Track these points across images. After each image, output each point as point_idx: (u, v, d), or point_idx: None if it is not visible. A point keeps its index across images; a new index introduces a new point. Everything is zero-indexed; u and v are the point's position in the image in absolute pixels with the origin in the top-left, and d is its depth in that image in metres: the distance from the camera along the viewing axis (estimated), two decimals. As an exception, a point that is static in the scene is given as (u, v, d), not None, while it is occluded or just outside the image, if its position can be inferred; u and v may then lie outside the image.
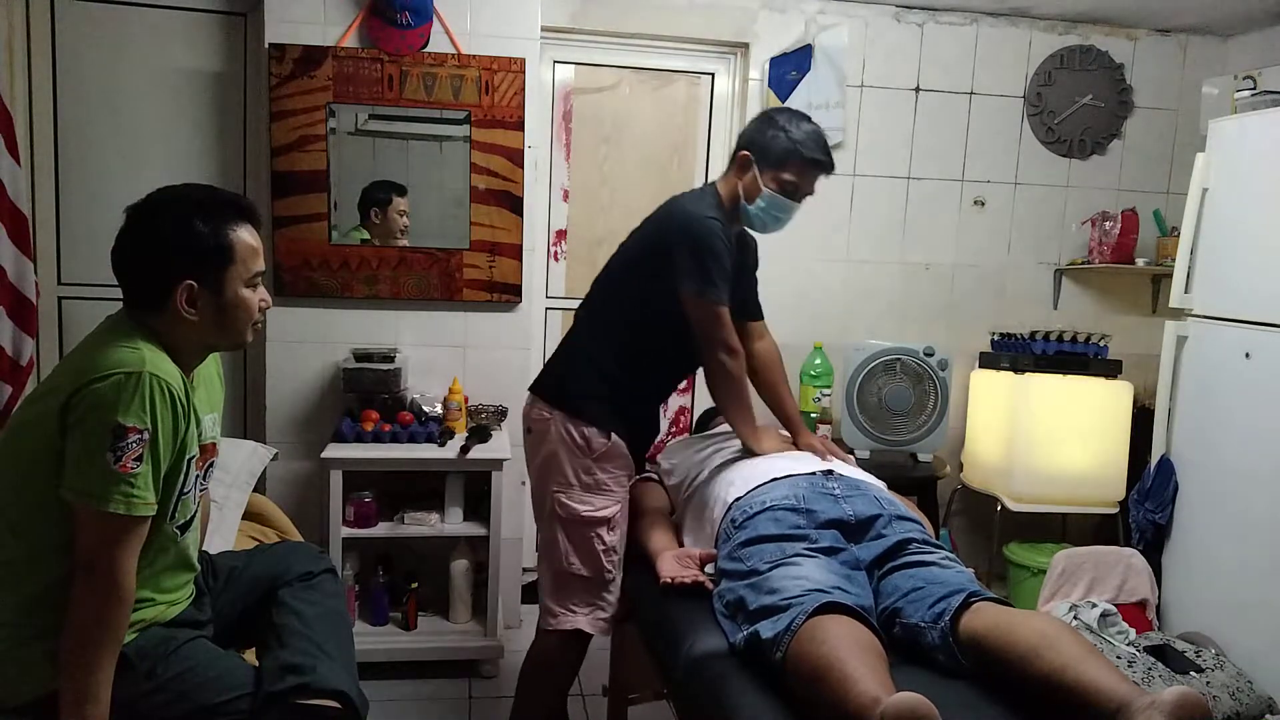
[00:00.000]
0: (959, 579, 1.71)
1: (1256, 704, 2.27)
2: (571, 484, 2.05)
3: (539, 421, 2.09)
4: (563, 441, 2.04)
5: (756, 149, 2.04)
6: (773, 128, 2.04)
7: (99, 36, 2.88)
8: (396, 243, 2.94)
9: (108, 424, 1.37)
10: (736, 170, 2.08)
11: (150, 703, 1.47)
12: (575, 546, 2.05)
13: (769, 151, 2.03)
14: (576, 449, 2.04)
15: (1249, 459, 2.45)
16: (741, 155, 2.06)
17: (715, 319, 1.99)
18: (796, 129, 2.03)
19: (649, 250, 2.08)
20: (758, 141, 2.05)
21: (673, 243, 1.99)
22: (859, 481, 2.06)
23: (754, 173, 2.04)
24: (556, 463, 2.05)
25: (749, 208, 2.07)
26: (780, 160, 2.03)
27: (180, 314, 1.50)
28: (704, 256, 1.95)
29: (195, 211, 1.51)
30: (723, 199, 2.09)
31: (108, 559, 1.38)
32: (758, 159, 2.03)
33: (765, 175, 2.03)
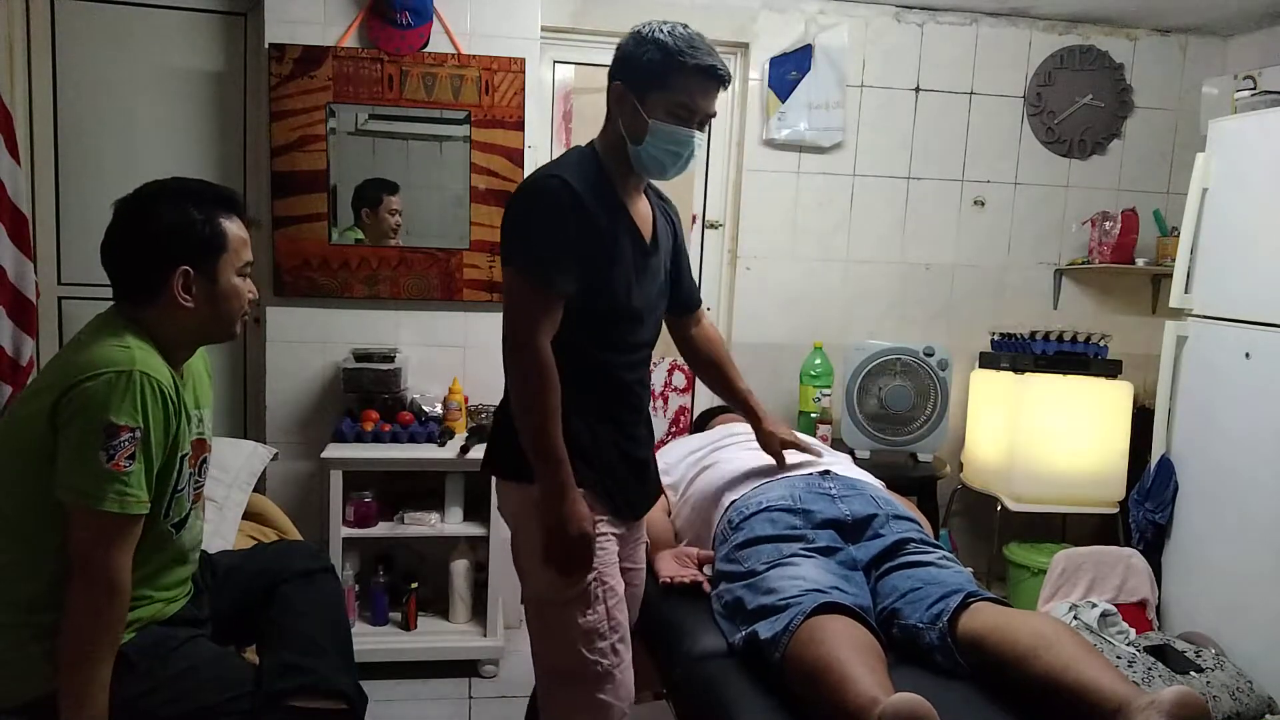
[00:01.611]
0: (957, 579, 1.71)
1: (1256, 704, 2.27)
2: (535, 558, 1.62)
3: (498, 494, 1.75)
4: (523, 511, 1.64)
5: (629, 73, 1.61)
6: (641, 44, 1.61)
7: (99, 36, 2.88)
8: (389, 242, 2.94)
9: (99, 423, 1.37)
10: (613, 108, 1.64)
11: (150, 702, 1.47)
12: (547, 634, 1.66)
13: (646, 72, 1.60)
14: (529, 518, 1.61)
15: (1249, 459, 2.45)
16: (614, 87, 1.62)
17: (525, 301, 1.54)
18: (671, 36, 1.61)
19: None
20: (629, 64, 1.61)
21: (505, 214, 1.61)
22: (856, 481, 2.06)
23: (632, 103, 1.60)
24: (521, 536, 1.67)
25: (639, 150, 1.62)
26: (662, 78, 1.59)
27: (175, 302, 1.51)
28: (529, 218, 1.56)
29: (189, 200, 1.54)
30: (602, 153, 1.66)
31: (102, 558, 1.38)
32: (633, 86, 1.60)
33: (648, 104, 1.60)
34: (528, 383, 1.54)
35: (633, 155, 1.63)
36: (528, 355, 1.53)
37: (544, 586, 1.63)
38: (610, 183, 1.64)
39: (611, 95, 1.64)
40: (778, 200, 3.32)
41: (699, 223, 3.40)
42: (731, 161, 3.37)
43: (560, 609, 1.62)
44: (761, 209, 3.31)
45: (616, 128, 1.64)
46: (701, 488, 2.13)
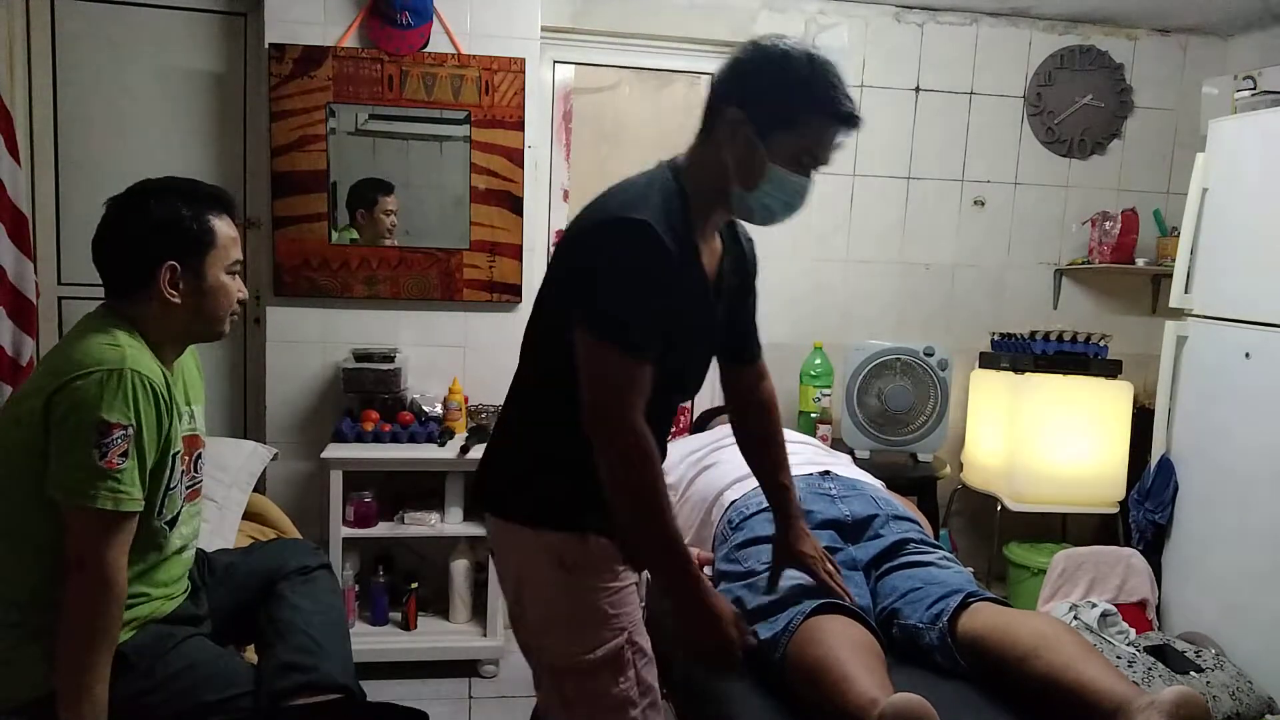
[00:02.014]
0: (957, 579, 1.71)
1: (1256, 704, 2.27)
2: (549, 619, 1.40)
3: (497, 540, 1.48)
4: (531, 561, 1.41)
5: (755, 103, 1.31)
6: (776, 69, 1.31)
7: (99, 36, 2.88)
8: (384, 242, 2.94)
9: (91, 421, 1.38)
10: (720, 136, 1.35)
11: (149, 701, 1.47)
12: (570, 707, 1.42)
13: (778, 106, 1.31)
14: (549, 567, 1.38)
15: (1249, 459, 2.45)
16: (728, 114, 1.33)
17: (616, 375, 1.27)
18: (812, 67, 1.30)
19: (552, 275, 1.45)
20: (755, 90, 1.32)
21: (573, 257, 1.36)
22: (856, 481, 2.06)
23: (748, 139, 1.32)
24: (530, 592, 1.42)
25: (748, 195, 1.36)
26: (796, 118, 1.31)
27: (163, 297, 1.52)
28: (613, 273, 1.28)
29: (178, 197, 1.55)
30: (687, 182, 1.38)
31: (98, 556, 1.38)
32: (757, 118, 1.31)
33: (771, 144, 1.32)
34: (632, 471, 1.28)
35: (736, 198, 1.38)
36: (628, 439, 1.27)
37: (564, 653, 1.39)
38: (688, 219, 1.36)
39: (722, 121, 1.34)
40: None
41: (699, 223, 3.40)
42: (731, 161, 3.37)
43: (586, 678, 1.38)
44: (761, 209, 3.31)
45: (718, 159, 1.36)
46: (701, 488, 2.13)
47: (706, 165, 1.38)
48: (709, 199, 1.39)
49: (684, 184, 1.37)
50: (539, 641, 1.44)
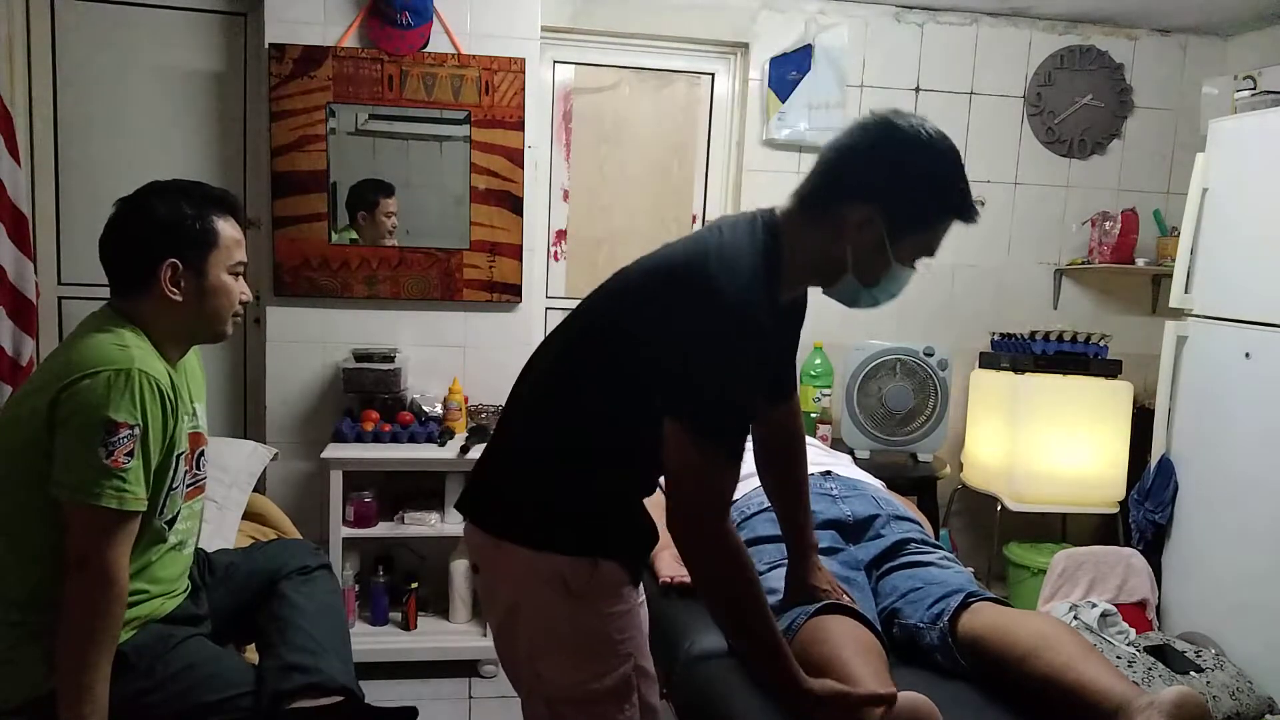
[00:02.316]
0: (958, 579, 1.71)
1: (1256, 704, 2.27)
2: (551, 646, 1.33)
3: (488, 557, 1.38)
4: (531, 584, 1.32)
5: (890, 203, 1.24)
6: (915, 164, 1.24)
7: (99, 36, 2.88)
8: (385, 243, 2.94)
9: (99, 419, 1.38)
10: (840, 226, 1.27)
11: (149, 701, 1.47)
12: None
13: (913, 208, 1.26)
14: (550, 592, 1.30)
15: (1249, 459, 2.45)
16: (856, 209, 1.25)
17: (714, 478, 1.23)
18: (947, 161, 1.25)
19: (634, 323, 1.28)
20: (892, 190, 1.24)
21: (673, 332, 1.21)
22: (857, 482, 2.06)
23: (878, 240, 1.26)
24: (527, 616, 1.33)
25: (861, 290, 1.32)
26: (929, 221, 1.28)
27: (164, 295, 1.53)
28: (722, 374, 1.19)
29: (182, 197, 1.57)
30: (786, 252, 1.29)
31: (100, 555, 1.39)
32: (889, 217, 1.25)
33: (899, 244, 1.27)
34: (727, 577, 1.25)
35: (845, 285, 1.32)
36: (723, 543, 1.24)
37: (565, 683, 1.32)
38: (781, 287, 1.30)
39: (848, 214, 1.25)
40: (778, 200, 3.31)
41: (699, 223, 3.40)
42: (731, 161, 3.37)
43: (588, 707, 1.32)
44: (761, 209, 3.30)
45: (830, 245, 1.28)
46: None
47: (813, 247, 1.30)
48: (806, 275, 1.35)
49: (782, 252, 1.29)
50: (534, 669, 1.34)
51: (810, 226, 1.30)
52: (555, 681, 1.33)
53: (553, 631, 1.32)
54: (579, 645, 1.32)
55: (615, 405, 1.27)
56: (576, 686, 1.32)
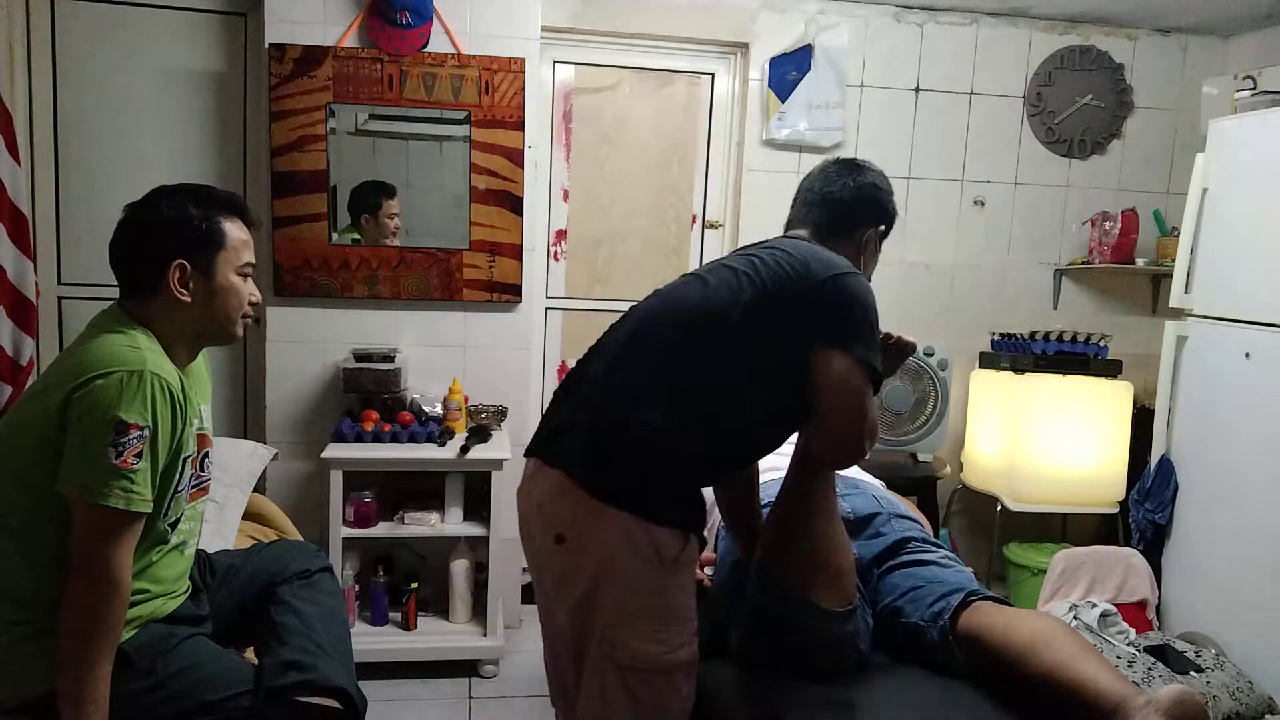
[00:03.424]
0: (958, 578, 1.72)
1: (1256, 704, 2.27)
2: (635, 615, 1.39)
3: (584, 524, 1.40)
4: (626, 552, 1.38)
5: (889, 221, 1.74)
6: (886, 188, 1.74)
7: (99, 36, 2.89)
8: (389, 243, 2.94)
9: (109, 420, 1.38)
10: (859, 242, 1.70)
11: (150, 700, 1.47)
12: (645, 704, 1.41)
13: (890, 220, 1.75)
14: (643, 561, 1.38)
15: (1249, 459, 2.45)
16: (872, 231, 1.71)
17: (868, 394, 1.47)
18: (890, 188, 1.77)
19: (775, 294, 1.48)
20: (889, 213, 1.74)
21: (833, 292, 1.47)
22: (858, 480, 2.06)
23: (876, 243, 1.74)
24: (611, 584, 1.39)
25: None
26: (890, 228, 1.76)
27: (173, 296, 1.54)
28: (873, 322, 1.50)
29: (189, 198, 1.58)
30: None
31: (104, 554, 1.39)
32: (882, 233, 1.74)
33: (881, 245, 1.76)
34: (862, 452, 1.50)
35: None
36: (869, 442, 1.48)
37: (645, 650, 1.38)
38: None
39: (866, 238, 1.71)
40: (778, 200, 3.26)
41: (699, 223, 3.41)
42: (731, 162, 3.38)
43: (661, 678, 1.40)
44: (761, 209, 3.31)
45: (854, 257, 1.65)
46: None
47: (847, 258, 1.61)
48: None
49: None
50: (612, 636, 1.39)
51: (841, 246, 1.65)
52: (634, 650, 1.39)
53: (640, 600, 1.39)
54: (663, 615, 1.40)
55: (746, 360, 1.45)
56: (655, 657, 1.39)
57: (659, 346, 1.47)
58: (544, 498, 1.45)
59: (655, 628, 1.39)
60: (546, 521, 1.44)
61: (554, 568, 1.45)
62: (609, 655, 1.40)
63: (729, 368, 1.44)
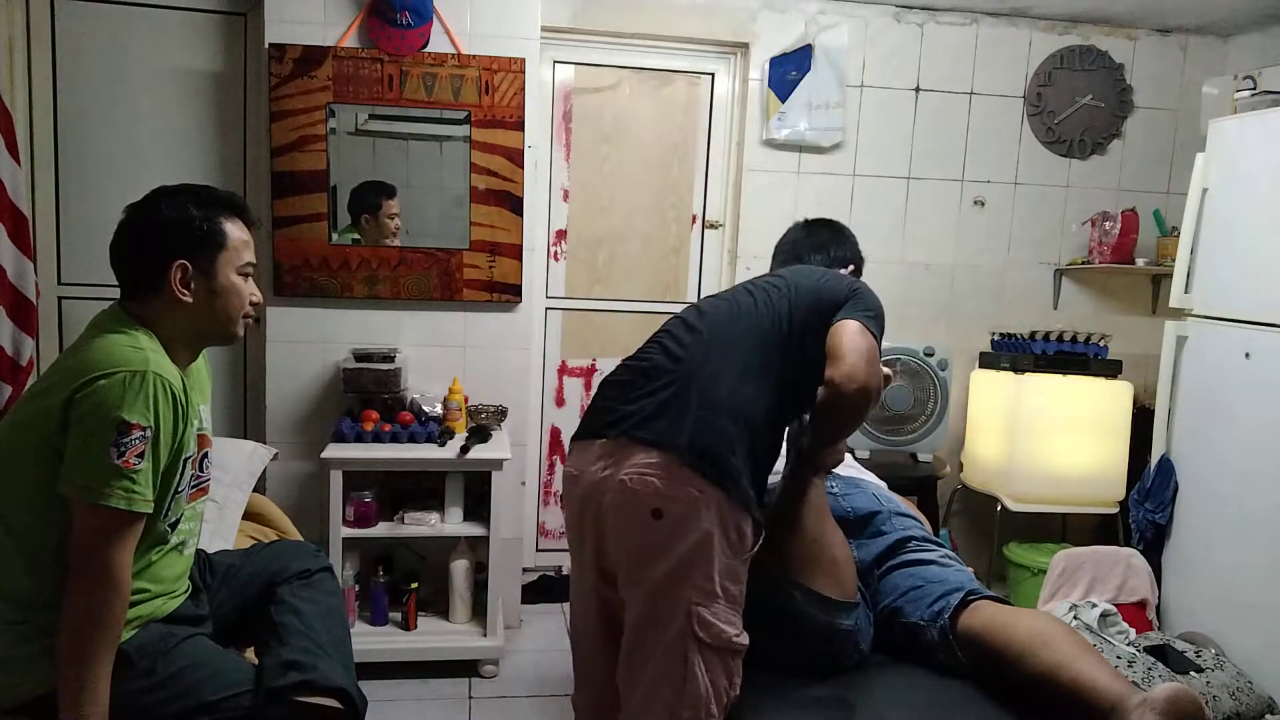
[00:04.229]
0: (958, 578, 1.72)
1: (1256, 704, 2.27)
2: (718, 594, 1.47)
3: (686, 501, 1.46)
4: (720, 533, 1.47)
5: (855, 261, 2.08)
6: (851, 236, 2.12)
7: (99, 36, 2.89)
8: (389, 244, 2.94)
9: (112, 420, 1.38)
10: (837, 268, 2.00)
11: (150, 699, 1.47)
12: (715, 685, 1.48)
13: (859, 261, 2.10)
14: (730, 546, 1.48)
15: (1249, 459, 2.45)
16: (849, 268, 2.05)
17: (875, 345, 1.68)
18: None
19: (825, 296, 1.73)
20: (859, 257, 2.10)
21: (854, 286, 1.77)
22: (858, 480, 2.06)
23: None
24: (705, 562, 1.46)
25: None
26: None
27: (174, 297, 1.54)
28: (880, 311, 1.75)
29: (190, 199, 1.58)
30: None
31: (105, 554, 1.39)
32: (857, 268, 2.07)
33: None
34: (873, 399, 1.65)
35: None
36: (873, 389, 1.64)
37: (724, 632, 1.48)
38: None
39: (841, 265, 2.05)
40: (778, 200, 3.32)
41: (699, 223, 3.41)
42: (731, 161, 3.38)
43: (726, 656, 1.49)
44: (761, 209, 3.31)
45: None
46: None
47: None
48: None
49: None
50: (695, 611, 1.46)
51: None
52: (714, 628, 1.47)
53: (723, 581, 1.47)
54: (736, 598, 1.50)
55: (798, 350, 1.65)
56: (728, 637, 1.48)
57: (742, 346, 1.62)
58: (640, 472, 1.49)
59: (731, 609, 1.49)
60: (642, 495, 1.48)
61: (644, 540, 1.49)
62: (690, 629, 1.46)
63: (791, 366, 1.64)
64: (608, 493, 1.52)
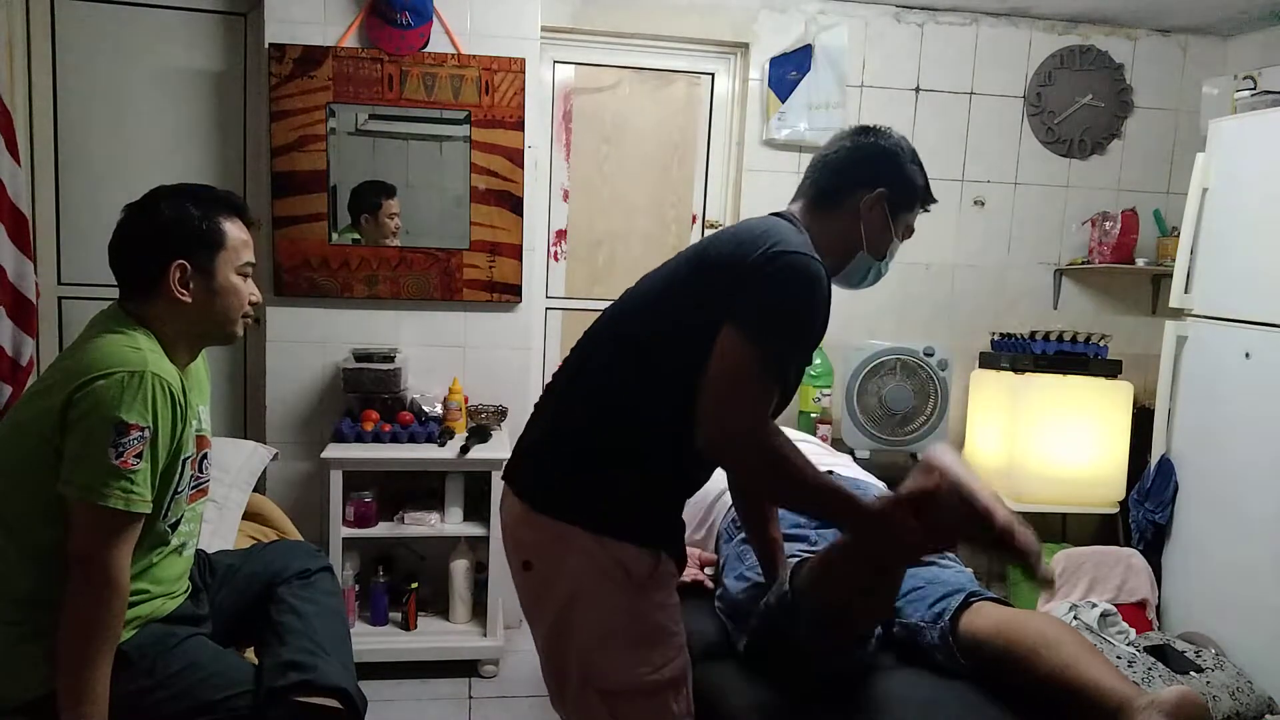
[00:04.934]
0: (959, 578, 1.72)
1: (1256, 704, 2.27)
2: (611, 638, 1.35)
3: (547, 548, 1.37)
4: (592, 574, 1.33)
5: (895, 186, 1.50)
6: (909, 159, 1.53)
7: (99, 36, 2.88)
8: (389, 243, 2.94)
9: (110, 420, 1.38)
10: (861, 211, 1.50)
11: (150, 699, 1.47)
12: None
13: (909, 191, 1.52)
14: (612, 583, 1.34)
15: (1249, 459, 2.45)
16: (871, 195, 1.49)
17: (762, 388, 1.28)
18: (914, 155, 1.55)
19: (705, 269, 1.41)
20: (895, 176, 1.51)
21: (754, 265, 1.32)
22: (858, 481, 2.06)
23: (885, 217, 1.50)
24: (583, 609, 1.35)
25: (873, 264, 1.53)
26: (915, 202, 1.54)
27: (173, 297, 1.54)
28: (800, 308, 1.33)
29: (189, 198, 1.58)
30: (819, 244, 1.44)
31: (103, 555, 1.39)
32: (893, 199, 1.50)
33: (896, 222, 1.51)
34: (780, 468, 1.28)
35: (858, 262, 1.52)
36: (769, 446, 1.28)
37: (624, 676, 1.34)
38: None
39: (861, 199, 1.48)
40: (778, 200, 3.24)
41: (699, 223, 3.40)
42: (731, 161, 3.37)
43: (647, 699, 1.35)
44: (761, 209, 3.28)
45: (849, 230, 1.49)
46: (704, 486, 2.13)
47: (832, 234, 1.50)
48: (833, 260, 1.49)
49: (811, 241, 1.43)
50: (589, 660, 1.35)
51: (826, 220, 1.51)
52: (613, 675, 1.35)
53: (613, 623, 1.34)
54: (640, 636, 1.35)
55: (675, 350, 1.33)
56: (636, 679, 1.35)
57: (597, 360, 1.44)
58: (510, 523, 1.43)
59: (634, 650, 1.35)
60: (515, 548, 1.42)
61: (525, 594, 1.43)
62: (589, 680, 1.37)
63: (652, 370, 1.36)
64: (505, 545, 1.46)
